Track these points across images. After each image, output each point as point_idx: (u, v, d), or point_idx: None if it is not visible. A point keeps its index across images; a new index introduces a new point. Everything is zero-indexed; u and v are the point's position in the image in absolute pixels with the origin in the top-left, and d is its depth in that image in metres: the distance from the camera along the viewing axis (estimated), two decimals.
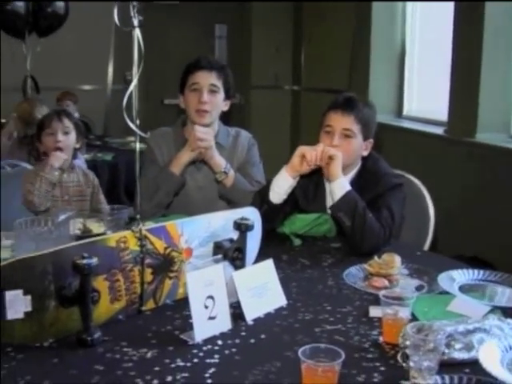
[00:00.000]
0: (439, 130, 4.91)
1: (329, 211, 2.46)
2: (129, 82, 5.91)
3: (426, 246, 2.72)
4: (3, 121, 4.92)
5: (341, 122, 2.42)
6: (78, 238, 2.20)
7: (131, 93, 1.55)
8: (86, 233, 2.42)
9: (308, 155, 2.34)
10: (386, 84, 5.82)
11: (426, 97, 5.65)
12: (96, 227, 2.49)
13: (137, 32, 1.54)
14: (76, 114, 6.04)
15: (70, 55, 6.87)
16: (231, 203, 2.68)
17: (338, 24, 6.48)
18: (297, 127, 7.56)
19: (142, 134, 1.64)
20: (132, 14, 1.55)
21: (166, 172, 2.66)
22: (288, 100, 7.85)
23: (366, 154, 2.47)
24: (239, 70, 7.79)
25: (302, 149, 2.37)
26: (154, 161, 2.76)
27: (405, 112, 5.81)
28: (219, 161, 2.69)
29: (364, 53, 5.86)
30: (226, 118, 2.93)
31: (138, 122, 1.60)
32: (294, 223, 2.50)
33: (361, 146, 2.44)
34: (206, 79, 2.71)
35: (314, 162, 2.34)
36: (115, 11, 1.56)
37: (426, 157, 4.91)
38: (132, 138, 5.25)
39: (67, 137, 3.00)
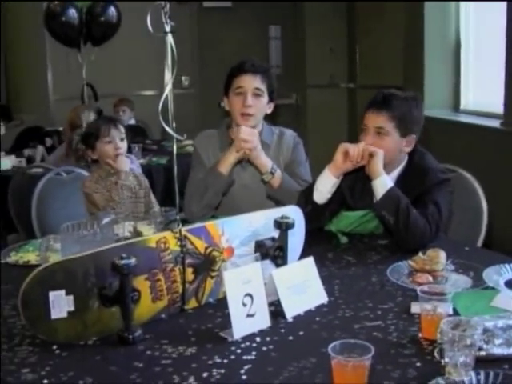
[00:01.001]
0: (496, 123, 4.81)
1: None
2: (185, 86, 6.02)
3: (480, 242, 2.67)
4: (60, 129, 5.06)
5: (374, 120, 2.41)
6: (124, 240, 2.27)
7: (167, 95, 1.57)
8: (135, 235, 2.48)
9: (351, 151, 2.34)
10: (441, 79, 5.74)
11: (483, 90, 5.54)
12: (146, 229, 2.54)
13: (169, 38, 1.57)
14: (132, 120, 6.18)
15: (126, 62, 7.02)
16: (280, 203, 2.69)
17: (391, 21, 6.43)
18: (354, 125, 7.51)
19: (178, 137, 1.68)
20: (164, 20, 1.58)
21: (213, 172, 2.69)
22: (344, 98, 7.83)
23: (408, 150, 2.44)
24: (294, 70, 7.82)
25: (345, 145, 2.38)
26: (201, 163, 2.80)
27: (462, 106, 5.72)
28: (265, 161, 2.69)
29: (418, 48, 5.80)
30: (282, 119, 2.94)
31: (174, 125, 1.64)
32: (341, 221, 2.50)
33: (399, 143, 2.40)
34: (251, 83, 2.73)
35: (356, 159, 2.34)
36: (148, 17, 1.60)
37: (483, 151, 4.83)
38: (188, 142, 5.31)
39: (124, 143, 3.08)
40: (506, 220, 4.14)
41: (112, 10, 5.14)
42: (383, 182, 2.31)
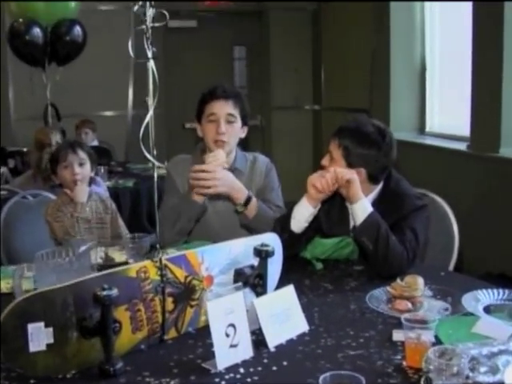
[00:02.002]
0: (462, 146, 4.90)
1: (351, 234, 2.48)
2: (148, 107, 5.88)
3: (451, 266, 2.72)
4: (25, 149, 5.01)
5: (330, 145, 2.46)
6: (100, 267, 2.25)
7: (148, 122, 1.57)
8: (108, 261, 2.47)
9: (318, 184, 2.36)
10: (407, 101, 5.85)
11: (449, 113, 5.65)
12: (118, 255, 2.54)
13: (151, 64, 1.58)
14: (95, 142, 6.14)
15: (90, 82, 6.98)
16: (253, 232, 2.71)
17: (358, 43, 6.53)
18: (319, 147, 7.59)
19: (159, 164, 1.68)
20: (146, 46, 1.59)
21: (187, 200, 2.69)
22: (309, 120, 7.91)
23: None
24: (259, 92, 7.87)
25: (311, 179, 2.40)
26: (174, 188, 2.81)
27: (427, 128, 5.82)
28: (237, 194, 2.70)
29: (384, 71, 5.91)
30: (246, 141, 2.96)
31: (154, 152, 1.63)
32: (316, 248, 2.51)
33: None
34: (223, 109, 2.75)
35: (327, 190, 2.37)
36: (130, 42, 1.60)
37: (450, 173, 4.92)
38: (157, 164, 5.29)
39: (83, 168, 3.07)
40: (475, 243, 4.21)
41: (77, 30, 5.11)
42: (363, 207, 2.34)
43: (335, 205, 2.54)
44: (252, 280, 1.91)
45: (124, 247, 2.56)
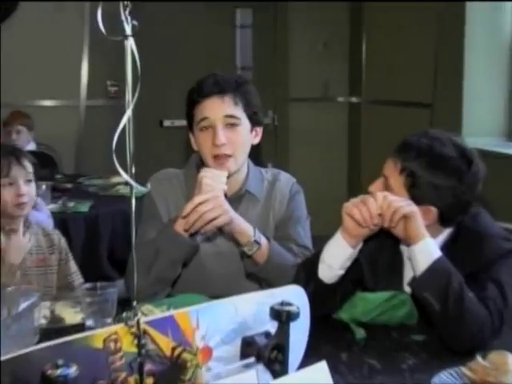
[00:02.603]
0: None
1: (407, 288, 2.51)
2: (113, 95, 6.08)
3: None
4: None
5: (385, 167, 2.53)
6: (46, 332, 2.28)
7: (125, 127, 1.60)
8: (55, 323, 2.50)
9: (357, 215, 2.40)
10: (489, 94, 5.87)
11: None
12: (70, 314, 2.58)
13: (130, 43, 1.60)
14: (31, 145, 6.17)
15: (26, 61, 7.04)
16: (265, 284, 2.74)
17: (416, 10, 6.55)
18: (356, 157, 7.62)
19: (141, 188, 1.70)
20: (123, 18, 1.60)
21: (169, 232, 2.73)
22: (343, 118, 7.95)
23: (425, 223, 2.46)
24: (271, 76, 7.92)
25: (348, 207, 2.43)
26: (155, 216, 2.86)
27: None
28: (244, 228, 2.74)
29: (455, 50, 5.93)
30: (253, 150, 3.00)
31: (133, 169, 1.66)
32: (357, 306, 2.55)
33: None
34: (218, 110, 2.81)
35: (370, 223, 2.40)
36: (99, 13, 1.62)
37: None
38: (119, 179, 5.36)
39: (30, 186, 3.08)
40: None
41: None
42: (428, 249, 2.37)
43: (384, 245, 2.57)
44: (267, 353, 1.93)
45: (79, 302, 2.59)
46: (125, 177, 1.63)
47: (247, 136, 2.87)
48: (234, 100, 2.82)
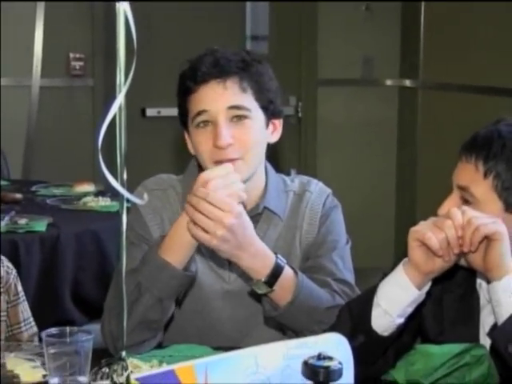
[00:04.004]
0: None
1: (485, 341, 2.55)
2: (77, 72, 6.14)
3: None
4: None
5: (458, 175, 2.57)
6: None
7: (114, 119, 1.64)
8: (6, 381, 2.54)
9: (431, 241, 2.41)
10: None
11: None
12: (26, 371, 2.60)
13: (124, 7, 1.65)
14: None
15: None
16: (290, 333, 2.77)
17: None
18: (410, 156, 7.62)
19: (136, 200, 1.73)
20: None
21: (153, 260, 2.73)
22: (392, 106, 7.96)
23: None
24: (293, 53, 7.93)
25: (418, 231, 2.45)
26: (144, 238, 2.89)
27: None
28: (252, 260, 2.72)
29: None
30: (270, 152, 3.01)
31: (125, 175, 1.69)
32: (415, 363, 2.57)
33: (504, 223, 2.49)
34: (219, 100, 2.83)
35: (448, 254, 2.42)
36: None
37: None
38: (88, 188, 5.38)
39: None
40: None
41: None
42: None
43: (454, 285, 2.60)
44: None
45: (37, 354, 2.63)
46: (114, 184, 1.66)
47: (261, 132, 2.89)
48: (240, 85, 2.83)
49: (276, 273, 2.70)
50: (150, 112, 7.67)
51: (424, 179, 7.17)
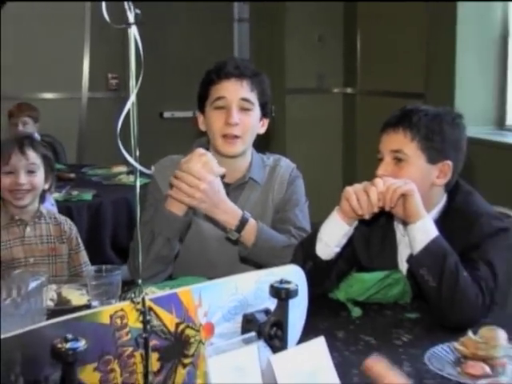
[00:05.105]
0: None
1: (401, 267, 2.55)
2: (113, 87, 6.11)
3: None
4: None
5: (389, 142, 2.57)
6: (53, 312, 2.31)
7: (129, 112, 1.63)
8: (62, 305, 2.53)
9: (354, 203, 2.43)
10: (480, 82, 5.90)
11: None
12: (76, 297, 2.60)
13: (133, 31, 1.64)
14: (36, 136, 6.20)
15: (28, 54, 7.06)
16: (260, 267, 2.78)
17: (408, 2, 6.57)
18: (351, 145, 7.65)
19: (145, 171, 1.72)
20: (126, 7, 1.64)
21: (161, 212, 2.77)
22: (338, 108, 7.97)
23: (442, 182, 2.56)
24: (269, 68, 7.91)
25: (349, 193, 2.46)
26: (160, 201, 2.87)
27: (509, 121, 5.87)
28: (226, 215, 2.78)
29: (446, 40, 5.95)
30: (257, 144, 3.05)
31: (137, 152, 1.69)
32: (352, 286, 2.59)
33: (427, 173, 2.53)
34: (236, 92, 2.86)
35: (367, 211, 2.43)
36: (104, 3, 1.66)
37: None
38: (122, 169, 5.39)
39: (33, 176, 3.08)
40: None
41: None
42: (426, 228, 2.40)
43: (378, 225, 2.61)
44: (267, 330, 1.96)
45: (85, 284, 2.62)
46: (129, 159, 1.66)
47: (256, 123, 2.93)
48: (250, 86, 2.88)
49: (242, 223, 2.76)
50: (167, 114, 7.63)
51: (361, 159, 7.20)
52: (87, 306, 2.44)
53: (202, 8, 7.69)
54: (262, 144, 3.15)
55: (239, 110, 2.85)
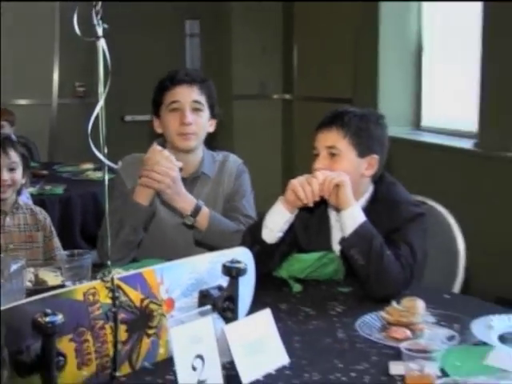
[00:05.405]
0: (468, 144, 5.03)
1: (335, 248, 2.58)
2: (80, 94, 6.05)
3: (456, 288, 2.82)
4: None
5: (324, 139, 2.58)
6: (31, 292, 2.30)
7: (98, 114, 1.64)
8: (38, 285, 2.52)
9: (301, 193, 2.44)
10: (399, 89, 5.97)
11: (451, 103, 5.76)
12: (51, 278, 2.59)
13: (102, 43, 1.65)
14: (13, 137, 6.12)
15: (2, 63, 6.97)
16: (212, 249, 2.79)
17: (338, 17, 6.62)
18: (289, 145, 7.68)
19: (113, 165, 1.73)
20: (95, 22, 1.65)
21: (129, 203, 2.77)
22: (278, 112, 7.99)
23: (370, 173, 2.59)
24: (217, 76, 7.89)
25: (294, 185, 2.47)
26: (124, 192, 2.87)
27: (423, 123, 5.95)
28: (183, 202, 2.80)
29: (370, 51, 6.01)
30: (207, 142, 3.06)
31: (106, 150, 1.70)
32: (293, 265, 2.60)
33: (357, 165, 2.56)
34: (188, 95, 2.87)
35: (310, 199, 2.45)
36: (75, 18, 1.66)
37: (453, 177, 5.02)
38: (89, 166, 5.37)
39: (14, 173, 3.08)
40: (484, 262, 4.32)
41: None
42: (354, 214, 2.44)
43: (314, 213, 2.63)
44: (220, 303, 1.98)
45: (59, 267, 2.61)
46: (98, 155, 1.67)
47: (206, 122, 2.94)
48: (200, 90, 2.90)
49: (197, 209, 2.78)
50: (128, 118, 7.57)
51: (298, 156, 7.23)
52: (61, 286, 2.43)
53: (158, 24, 7.66)
54: (214, 143, 3.16)
55: (191, 111, 2.86)
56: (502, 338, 2.02)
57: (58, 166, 5.75)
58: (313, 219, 2.66)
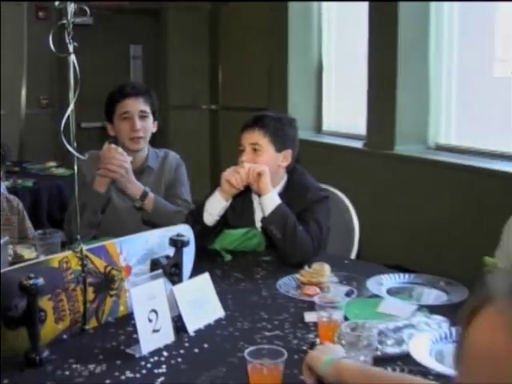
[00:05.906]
0: (358, 144, 5.14)
1: (257, 225, 2.62)
2: (44, 106, 5.91)
3: (353, 255, 2.89)
4: None
5: (248, 138, 2.60)
6: (11, 264, 2.26)
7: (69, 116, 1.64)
8: (17, 259, 2.48)
9: (233, 180, 2.48)
10: (304, 99, 6.03)
11: (345, 111, 5.87)
12: (27, 253, 2.55)
13: (72, 58, 1.64)
14: None
15: None
16: (156, 227, 2.80)
17: (255, 42, 6.65)
18: (216, 146, 7.69)
19: (81, 157, 1.74)
20: (67, 41, 1.65)
21: (90, 190, 2.75)
22: (206, 120, 7.97)
23: (285, 164, 2.62)
24: (156, 91, 7.83)
25: (226, 175, 2.50)
26: (85, 183, 2.83)
27: (324, 127, 6.03)
28: (134, 189, 2.79)
29: (282, 69, 6.06)
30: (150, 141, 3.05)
31: (75, 144, 1.70)
32: (224, 239, 2.62)
33: (275, 158, 2.59)
34: (135, 106, 2.86)
35: (241, 185, 2.48)
36: (50, 37, 1.66)
37: (348, 170, 5.12)
38: (52, 164, 5.31)
39: None
40: (372, 235, 4.43)
41: None
42: (272, 198, 2.47)
43: (239, 198, 2.66)
44: (168, 269, 1.99)
45: (33, 244, 2.58)
46: (70, 149, 1.67)
47: (151, 125, 2.93)
48: (144, 100, 2.88)
49: (144, 194, 2.77)
50: (84, 125, 7.43)
51: (224, 157, 7.22)
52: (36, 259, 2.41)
53: (108, 48, 7.57)
54: (155, 141, 3.16)
55: (139, 118, 2.85)
56: (390, 291, 2.12)
57: (27, 164, 5.62)
58: (239, 202, 2.69)
